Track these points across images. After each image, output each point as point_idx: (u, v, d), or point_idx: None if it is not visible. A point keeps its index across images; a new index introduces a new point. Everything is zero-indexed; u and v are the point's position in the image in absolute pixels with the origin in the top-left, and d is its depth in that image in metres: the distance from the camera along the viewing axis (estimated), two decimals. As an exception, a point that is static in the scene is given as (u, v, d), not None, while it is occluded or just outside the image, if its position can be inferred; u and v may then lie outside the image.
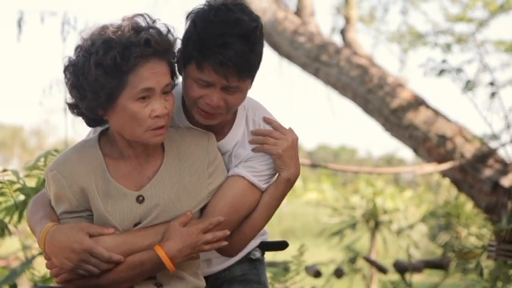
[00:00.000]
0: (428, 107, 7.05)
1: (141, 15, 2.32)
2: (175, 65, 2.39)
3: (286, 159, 2.47)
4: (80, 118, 2.39)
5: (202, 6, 2.39)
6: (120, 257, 2.30)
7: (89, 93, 2.24)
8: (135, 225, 2.36)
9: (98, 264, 2.30)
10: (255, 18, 2.38)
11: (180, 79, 2.45)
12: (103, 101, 2.25)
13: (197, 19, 2.34)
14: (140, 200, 2.36)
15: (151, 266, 2.32)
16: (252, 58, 2.35)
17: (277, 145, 2.47)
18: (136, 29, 2.26)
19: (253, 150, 2.50)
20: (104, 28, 2.26)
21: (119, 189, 2.35)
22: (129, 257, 2.31)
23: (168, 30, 2.33)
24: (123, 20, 2.29)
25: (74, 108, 2.35)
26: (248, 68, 2.36)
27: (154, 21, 2.32)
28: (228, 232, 2.39)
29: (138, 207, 2.36)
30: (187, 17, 2.39)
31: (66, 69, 2.28)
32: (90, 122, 2.38)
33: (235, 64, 2.30)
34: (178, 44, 2.38)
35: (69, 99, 2.33)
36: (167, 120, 2.32)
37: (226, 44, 2.29)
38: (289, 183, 2.50)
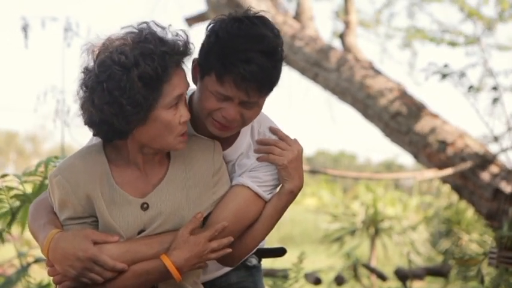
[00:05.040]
0: (428, 112, 7.01)
1: (146, 23, 2.28)
2: (191, 73, 2.39)
3: (290, 171, 2.45)
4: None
5: (223, 17, 2.36)
6: (124, 266, 2.28)
7: (128, 107, 2.19)
8: (139, 232, 2.34)
9: (101, 272, 2.27)
10: (277, 34, 2.36)
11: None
12: (143, 113, 2.22)
13: (220, 31, 2.31)
14: (145, 207, 2.33)
15: (157, 275, 2.30)
16: (274, 74, 2.34)
17: (282, 156, 2.44)
18: (158, 37, 2.23)
19: (258, 159, 2.48)
20: (126, 40, 2.21)
21: (124, 195, 2.33)
22: (134, 266, 2.29)
23: (183, 35, 2.31)
24: (137, 30, 2.25)
25: (97, 126, 2.27)
26: (269, 84, 2.34)
27: (163, 27, 2.29)
28: (232, 238, 2.37)
29: (142, 215, 2.33)
30: (207, 27, 2.36)
31: (93, 89, 2.20)
32: (114, 137, 2.30)
33: (257, 80, 2.28)
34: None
35: (90, 118, 2.26)
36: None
37: (249, 60, 2.26)
38: (293, 195, 2.48)
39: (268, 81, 2.32)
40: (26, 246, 7.90)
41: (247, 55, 2.26)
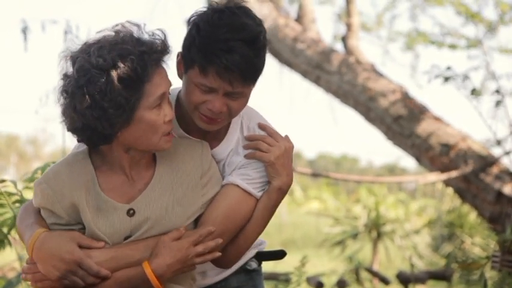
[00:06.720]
0: (431, 115, 6.99)
1: (121, 24, 2.27)
2: (176, 68, 2.37)
3: (278, 167, 2.42)
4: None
5: (204, 9, 2.34)
6: (108, 273, 2.26)
7: (110, 110, 2.17)
8: (126, 238, 2.31)
9: (84, 277, 2.25)
10: (259, 23, 2.34)
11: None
12: (126, 115, 2.20)
13: (201, 22, 2.30)
14: (131, 213, 2.31)
15: (139, 283, 2.27)
16: (257, 63, 2.32)
17: (269, 152, 2.42)
18: (135, 37, 2.23)
19: (245, 156, 2.45)
20: (103, 43, 2.20)
21: (109, 202, 2.30)
22: (117, 273, 2.26)
23: (160, 33, 2.30)
24: (113, 32, 2.24)
25: (80, 131, 2.25)
26: (253, 73, 2.32)
27: (139, 26, 2.28)
28: (220, 240, 2.33)
29: (128, 221, 2.30)
30: (188, 20, 2.35)
31: (73, 94, 2.18)
32: (98, 141, 2.28)
33: (240, 69, 2.26)
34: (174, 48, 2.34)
35: (73, 124, 2.24)
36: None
37: (231, 49, 2.25)
38: (281, 192, 2.45)
39: (251, 70, 2.30)
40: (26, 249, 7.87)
41: (228, 45, 2.24)
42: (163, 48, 2.26)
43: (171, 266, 2.26)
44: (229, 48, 2.25)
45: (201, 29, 2.28)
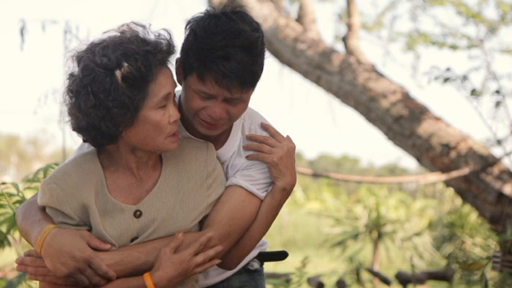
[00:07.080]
0: (431, 115, 6.99)
1: (126, 24, 2.28)
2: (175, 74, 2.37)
3: (281, 168, 2.43)
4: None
5: (201, 15, 2.34)
6: (114, 275, 2.25)
7: (114, 109, 2.17)
8: (132, 239, 2.31)
9: (91, 276, 2.25)
10: (256, 28, 2.34)
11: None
12: (130, 114, 2.19)
13: (197, 29, 2.30)
14: (138, 214, 2.31)
15: None
16: (255, 69, 2.32)
17: (272, 153, 2.43)
18: (141, 37, 2.23)
19: (247, 157, 2.46)
20: (108, 42, 2.20)
21: (116, 204, 2.30)
22: (117, 281, 2.26)
23: (165, 33, 2.30)
24: (118, 33, 2.24)
25: (85, 131, 2.26)
26: (251, 79, 2.32)
27: (144, 26, 2.28)
28: (220, 248, 2.34)
29: (135, 222, 2.30)
30: (186, 26, 2.35)
31: (78, 93, 2.19)
32: (103, 141, 2.28)
33: (238, 76, 2.26)
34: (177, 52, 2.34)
35: (78, 123, 2.24)
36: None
37: (228, 56, 2.25)
38: (285, 193, 2.45)
39: (249, 76, 2.30)
40: (27, 250, 7.88)
41: (225, 51, 2.24)
42: (168, 49, 2.25)
43: (172, 279, 2.26)
44: (226, 55, 2.25)
45: (198, 36, 2.28)
